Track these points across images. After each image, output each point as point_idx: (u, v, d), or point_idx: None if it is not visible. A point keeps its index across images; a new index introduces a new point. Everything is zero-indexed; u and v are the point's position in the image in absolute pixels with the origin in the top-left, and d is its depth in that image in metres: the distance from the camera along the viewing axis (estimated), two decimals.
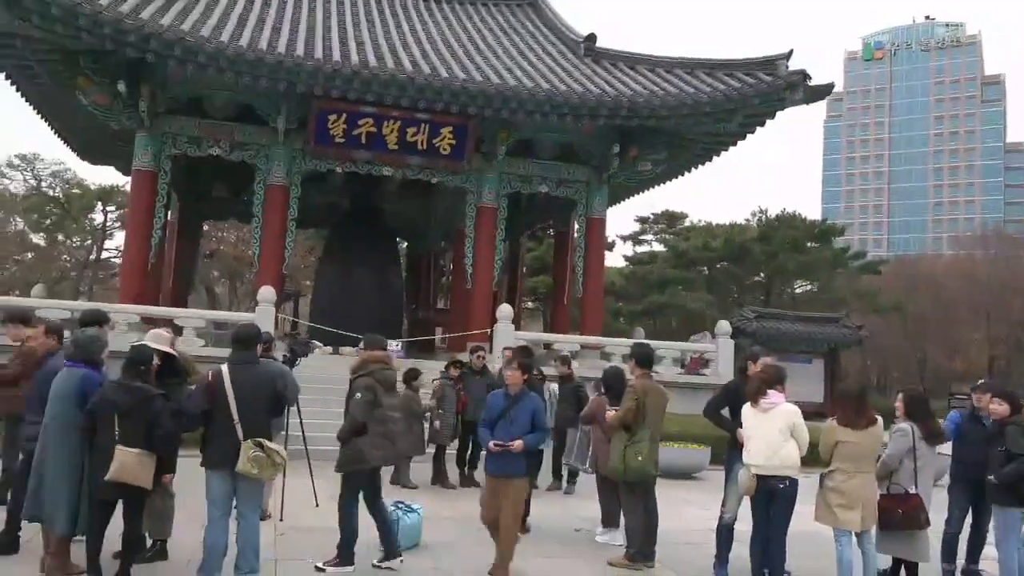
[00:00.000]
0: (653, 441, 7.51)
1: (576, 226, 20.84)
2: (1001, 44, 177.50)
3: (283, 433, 7.50)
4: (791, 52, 18.42)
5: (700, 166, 21.80)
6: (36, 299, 16.70)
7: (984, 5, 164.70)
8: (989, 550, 7.80)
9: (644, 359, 7.85)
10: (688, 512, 10.32)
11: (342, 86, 16.28)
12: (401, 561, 6.80)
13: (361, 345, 7.58)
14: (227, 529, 5.94)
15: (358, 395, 6.78)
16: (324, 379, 14.04)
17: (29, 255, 44.82)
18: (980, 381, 8.29)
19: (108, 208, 41.53)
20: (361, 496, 6.83)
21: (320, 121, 17.49)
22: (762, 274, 41.63)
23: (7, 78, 17.52)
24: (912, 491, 6.75)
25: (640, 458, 7.36)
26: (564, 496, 11.07)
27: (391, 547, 6.82)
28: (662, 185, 23.47)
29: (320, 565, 6.64)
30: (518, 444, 6.50)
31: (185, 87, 17.29)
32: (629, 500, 7.56)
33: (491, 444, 6.56)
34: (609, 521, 8.47)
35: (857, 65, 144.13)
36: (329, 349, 10.49)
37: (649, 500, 7.52)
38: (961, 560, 7.61)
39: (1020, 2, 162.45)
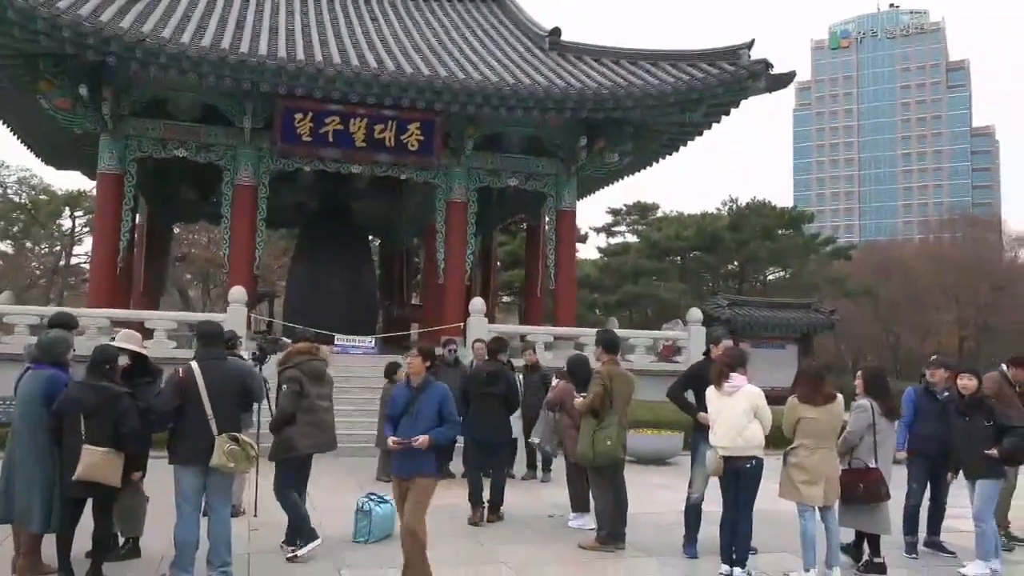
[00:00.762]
0: (621, 426, 7.62)
1: (547, 219, 20.94)
2: (964, 30, 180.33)
3: (252, 431, 7.52)
4: (753, 42, 18.67)
5: (667, 156, 22.00)
6: (3, 306, 16.54)
7: None
8: (949, 522, 8.03)
9: (610, 344, 7.96)
10: (660, 496, 10.46)
11: (307, 84, 16.25)
12: (293, 551, 6.82)
13: (334, 344, 7.73)
14: (198, 524, 5.97)
15: (284, 387, 6.93)
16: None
17: None
18: (933, 357, 8.50)
19: (76, 214, 41.05)
20: None
21: (286, 120, 17.44)
22: (735, 262, 41.99)
23: None
24: (872, 465, 6.93)
25: (609, 443, 7.46)
26: (540, 484, 11.18)
27: (296, 536, 6.99)
28: (631, 176, 23.64)
29: (290, 555, 6.71)
30: (423, 440, 5.79)
31: (148, 89, 17.17)
32: (598, 484, 7.67)
33: (391, 441, 5.91)
34: (579, 506, 8.57)
35: (824, 54, 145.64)
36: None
37: (618, 483, 7.63)
38: (922, 533, 7.79)
39: None
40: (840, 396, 6.80)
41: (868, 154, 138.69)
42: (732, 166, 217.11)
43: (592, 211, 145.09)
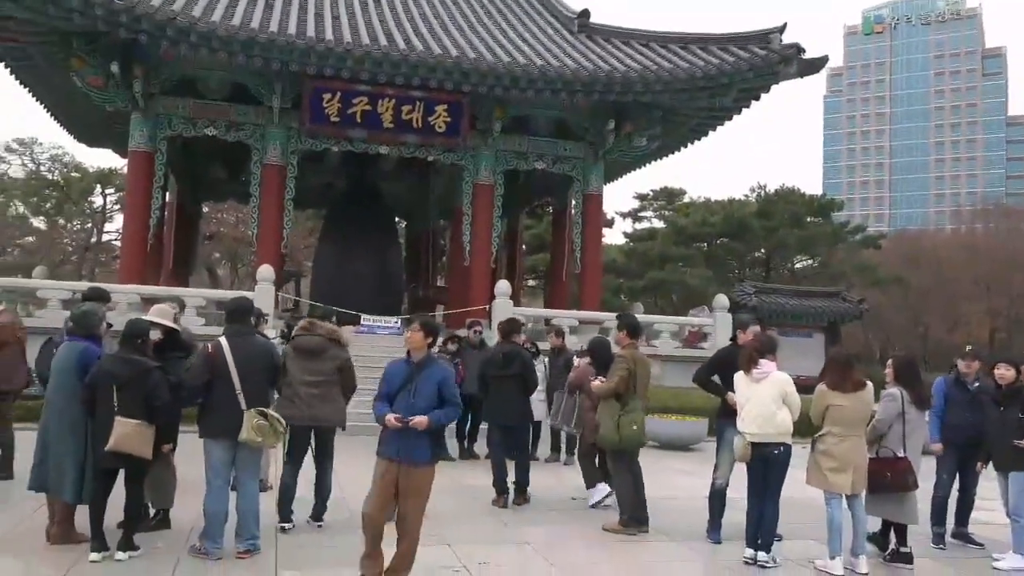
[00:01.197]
0: (644, 410, 7.64)
1: (573, 202, 20.88)
2: (1002, 16, 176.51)
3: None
4: (785, 25, 18.42)
5: (696, 141, 21.81)
6: (38, 280, 16.83)
7: None
8: (977, 514, 7.94)
9: (634, 329, 7.95)
10: (684, 482, 10.46)
11: (335, 64, 16.27)
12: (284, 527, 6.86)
13: (359, 324, 7.72)
14: (227, 497, 6.06)
15: None
16: None
17: (30, 239, 44.86)
18: (968, 348, 8.39)
19: (107, 191, 41.56)
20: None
21: (314, 100, 17.48)
22: (762, 249, 41.65)
23: (0, 61, 17.49)
24: (901, 454, 6.86)
25: (635, 427, 7.49)
26: (563, 467, 11.20)
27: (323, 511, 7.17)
28: (658, 161, 23.49)
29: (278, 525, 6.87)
30: (421, 420, 5.25)
31: (179, 67, 17.29)
32: (617, 468, 7.66)
33: (390, 417, 5.29)
34: (591, 483, 8.63)
35: (857, 39, 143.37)
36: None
37: (635, 468, 7.65)
38: (950, 524, 7.72)
39: None
40: (870, 384, 6.73)
41: (900, 142, 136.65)
42: (761, 153, 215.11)
43: (619, 196, 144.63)
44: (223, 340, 6.08)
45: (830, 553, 6.51)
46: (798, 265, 43.71)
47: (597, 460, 8.57)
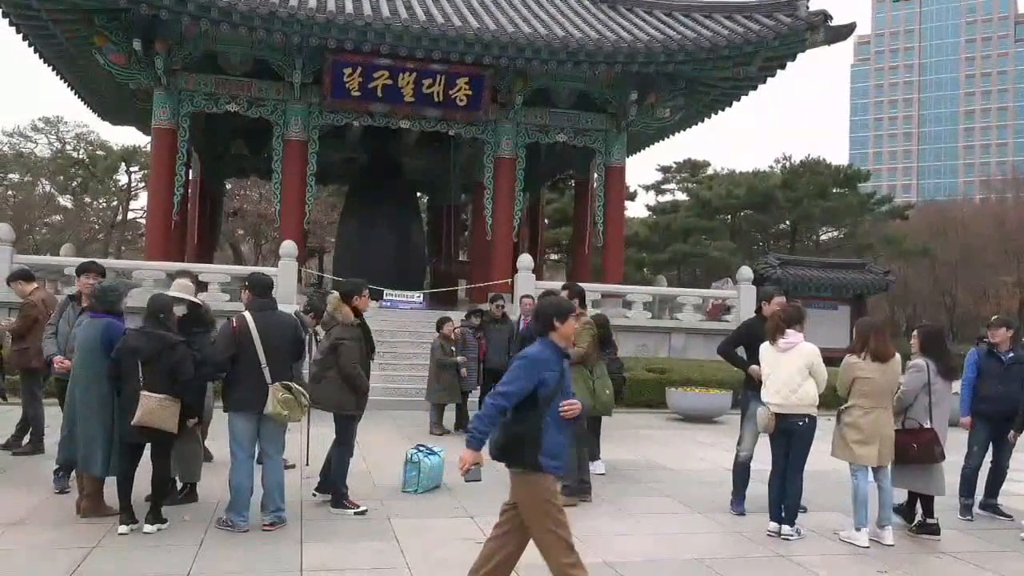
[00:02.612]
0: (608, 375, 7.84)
1: (595, 175, 20.74)
2: None
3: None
4: None
5: (720, 111, 21.53)
6: (65, 258, 17.04)
7: None
8: (1006, 486, 7.85)
9: (583, 297, 8.08)
10: (707, 454, 10.45)
11: (356, 38, 16.20)
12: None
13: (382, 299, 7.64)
14: (252, 470, 6.12)
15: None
16: None
17: (57, 217, 45.37)
18: (994, 317, 8.24)
19: (132, 169, 41.88)
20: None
21: (335, 74, 17.44)
22: (787, 221, 41.22)
23: (24, 39, 17.59)
24: (927, 426, 6.78)
25: (608, 392, 7.62)
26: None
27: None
28: (681, 132, 23.24)
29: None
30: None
31: (200, 43, 17.30)
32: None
33: (566, 406, 4.30)
34: (591, 456, 8.66)
35: (885, 6, 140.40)
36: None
37: (580, 433, 7.62)
38: (979, 495, 7.64)
39: None
40: (898, 355, 6.64)
41: (929, 111, 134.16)
42: (786, 123, 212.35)
43: (642, 169, 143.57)
44: (247, 315, 6.11)
45: (855, 525, 6.47)
46: (824, 237, 43.23)
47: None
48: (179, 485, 6.77)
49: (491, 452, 4.30)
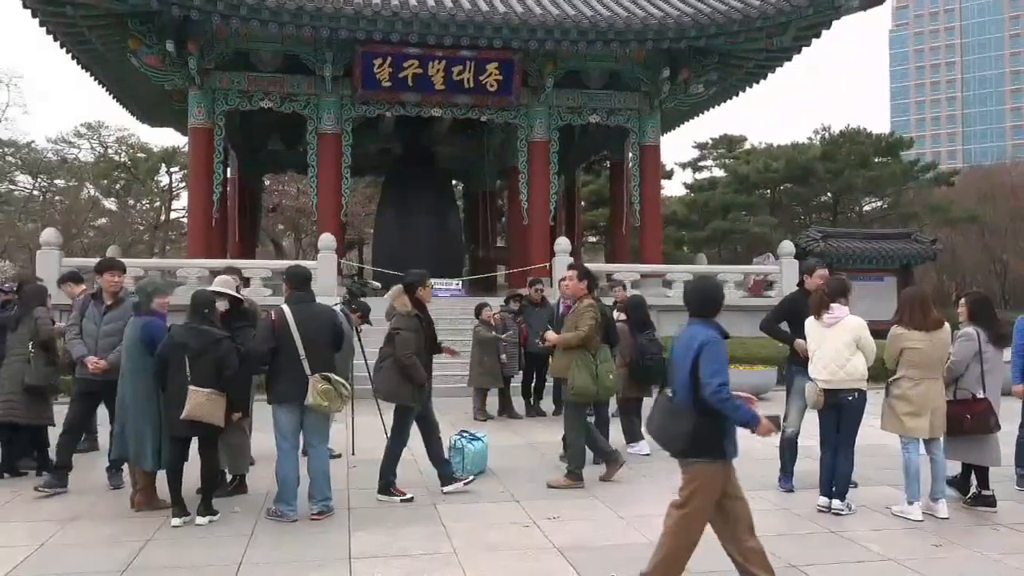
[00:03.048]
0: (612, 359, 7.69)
1: (630, 155, 20.56)
2: None
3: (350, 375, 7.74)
4: None
5: (754, 85, 21.18)
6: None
7: None
8: None
9: (591, 277, 7.75)
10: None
11: (384, 28, 16.22)
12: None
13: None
14: (297, 460, 6.20)
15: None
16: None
17: (103, 221, 46.29)
18: None
19: (172, 169, 42.52)
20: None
21: (366, 66, 17.50)
22: (828, 193, 40.43)
23: (62, 47, 17.93)
24: (980, 395, 6.62)
25: (612, 376, 7.45)
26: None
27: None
28: (716, 107, 22.92)
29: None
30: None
31: (232, 42, 17.49)
32: (576, 420, 7.42)
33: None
34: (633, 437, 8.82)
35: None
36: (378, 284, 10.73)
37: (585, 417, 7.65)
38: None
39: None
40: (947, 324, 6.49)
41: (972, 74, 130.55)
42: (823, 94, 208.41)
43: (677, 146, 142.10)
44: (285, 307, 6.18)
45: (908, 499, 6.35)
46: (867, 207, 42.35)
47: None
48: (228, 477, 6.89)
49: (675, 447, 4.31)
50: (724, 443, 4.32)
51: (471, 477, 7.03)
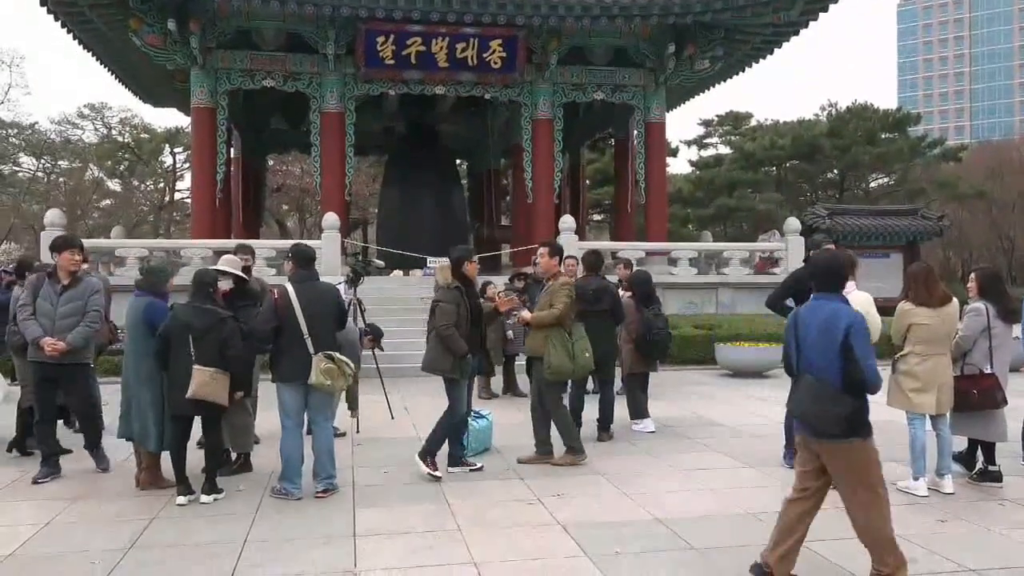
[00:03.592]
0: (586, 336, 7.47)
1: (635, 132, 20.44)
2: None
3: (359, 354, 7.73)
4: None
5: (761, 60, 20.99)
6: (115, 240, 17.41)
7: None
8: None
9: (559, 251, 7.63)
10: (758, 408, 10.33)
11: (386, 6, 16.12)
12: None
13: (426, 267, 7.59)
14: (301, 438, 6.20)
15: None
16: (398, 299, 14.41)
17: (108, 201, 46.33)
18: None
19: (176, 150, 42.48)
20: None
21: (368, 44, 17.38)
22: (834, 170, 40.22)
23: (63, 27, 17.83)
24: (987, 371, 6.58)
25: (587, 354, 7.27)
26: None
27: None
28: (722, 84, 22.74)
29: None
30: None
31: (233, 20, 17.39)
32: (554, 399, 7.29)
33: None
34: (638, 414, 8.74)
35: None
36: (382, 263, 10.71)
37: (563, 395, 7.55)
38: None
39: None
40: (955, 299, 6.43)
41: (981, 48, 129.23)
42: (831, 70, 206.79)
43: (682, 124, 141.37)
44: (288, 286, 6.16)
45: (913, 474, 6.33)
46: (873, 184, 42.12)
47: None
48: (233, 456, 6.90)
49: (834, 430, 4.21)
50: (869, 420, 4.31)
51: (479, 465, 6.98)
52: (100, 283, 7.20)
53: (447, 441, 6.93)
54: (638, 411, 8.87)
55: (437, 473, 6.66)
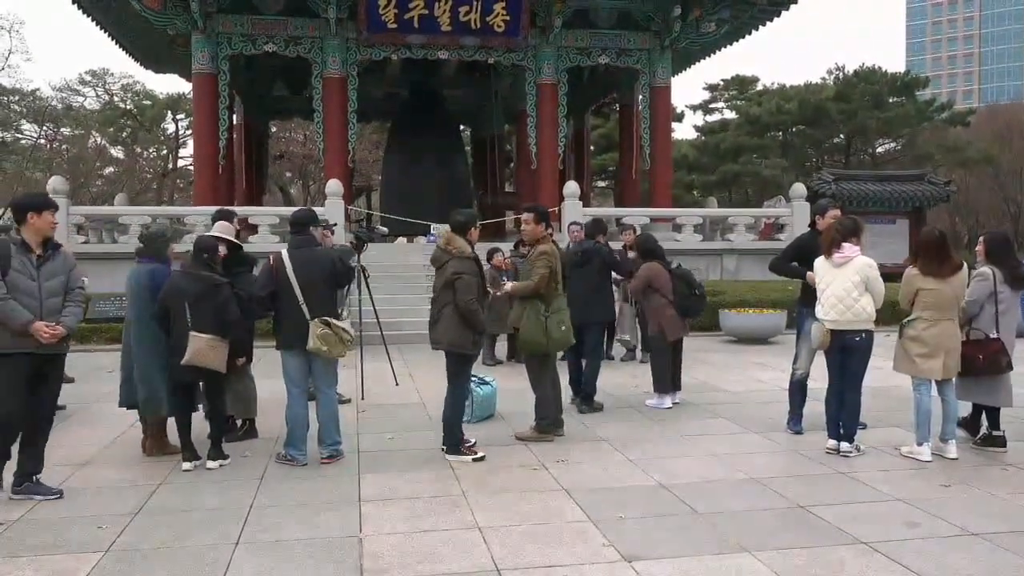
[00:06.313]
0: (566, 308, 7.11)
1: (640, 97, 20.24)
2: None
3: (348, 311, 7.67)
4: None
5: (767, 23, 20.73)
6: (119, 207, 17.37)
7: None
8: None
9: (546, 218, 7.24)
10: (763, 374, 10.33)
11: None
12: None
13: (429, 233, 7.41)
14: (306, 404, 6.21)
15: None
16: (399, 266, 14.37)
17: (111, 169, 46.19)
18: None
19: (178, 116, 42.26)
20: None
21: (371, 7, 17.20)
22: (840, 135, 39.91)
23: None
24: (993, 335, 6.54)
25: (564, 328, 6.92)
26: (641, 365, 11.05)
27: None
28: (728, 47, 22.47)
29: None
30: None
31: None
32: (538, 372, 7.05)
33: None
34: (663, 388, 8.32)
35: None
36: (385, 230, 10.60)
37: (553, 369, 7.15)
38: None
39: None
40: (965, 266, 6.38)
41: (991, 11, 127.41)
42: (838, 34, 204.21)
43: (688, 88, 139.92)
44: (284, 252, 6.12)
45: (918, 439, 6.32)
46: (880, 149, 41.82)
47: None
48: (239, 422, 6.92)
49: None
50: None
51: (481, 454, 6.59)
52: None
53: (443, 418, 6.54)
54: (663, 383, 8.35)
55: (480, 454, 6.31)
